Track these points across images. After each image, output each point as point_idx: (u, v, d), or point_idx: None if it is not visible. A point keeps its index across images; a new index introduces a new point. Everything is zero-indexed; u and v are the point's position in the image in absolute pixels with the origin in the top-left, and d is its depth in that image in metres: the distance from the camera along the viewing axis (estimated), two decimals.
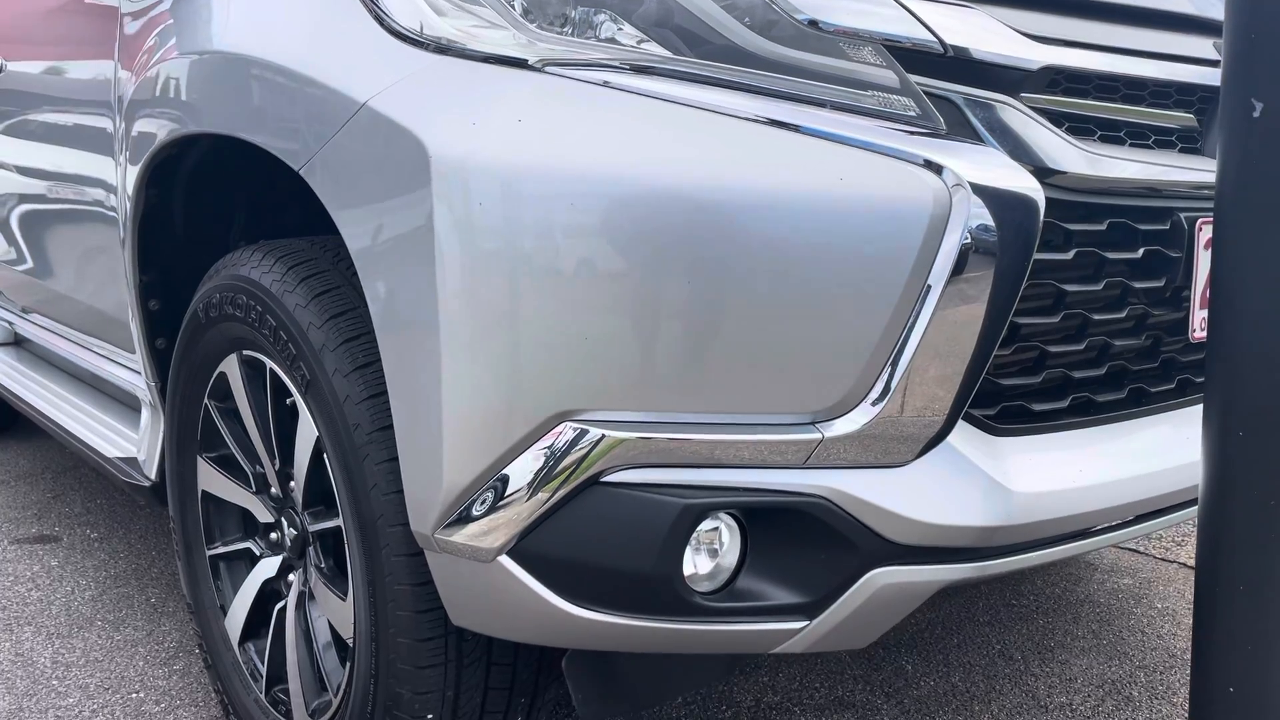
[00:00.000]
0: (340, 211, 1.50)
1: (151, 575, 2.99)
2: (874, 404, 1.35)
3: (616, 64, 1.39)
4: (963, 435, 1.43)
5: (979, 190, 1.33)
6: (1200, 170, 1.59)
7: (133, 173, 2.08)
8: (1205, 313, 1.59)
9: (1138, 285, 1.54)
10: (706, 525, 1.38)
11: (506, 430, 1.36)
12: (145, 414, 2.43)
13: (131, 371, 2.53)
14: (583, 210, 1.30)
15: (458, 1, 1.46)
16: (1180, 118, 1.62)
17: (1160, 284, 1.57)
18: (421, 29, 1.46)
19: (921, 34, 1.41)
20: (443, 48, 1.43)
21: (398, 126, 1.39)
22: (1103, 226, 1.49)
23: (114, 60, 2.23)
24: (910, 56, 1.41)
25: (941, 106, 1.41)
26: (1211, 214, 1.27)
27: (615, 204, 1.30)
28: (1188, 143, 1.63)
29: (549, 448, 1.35)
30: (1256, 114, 1.16)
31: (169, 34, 1.97)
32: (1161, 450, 1.62)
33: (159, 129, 1.96)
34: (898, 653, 2.51)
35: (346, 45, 1.54)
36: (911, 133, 1.37)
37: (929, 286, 1.32)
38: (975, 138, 1.41)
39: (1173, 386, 1.69)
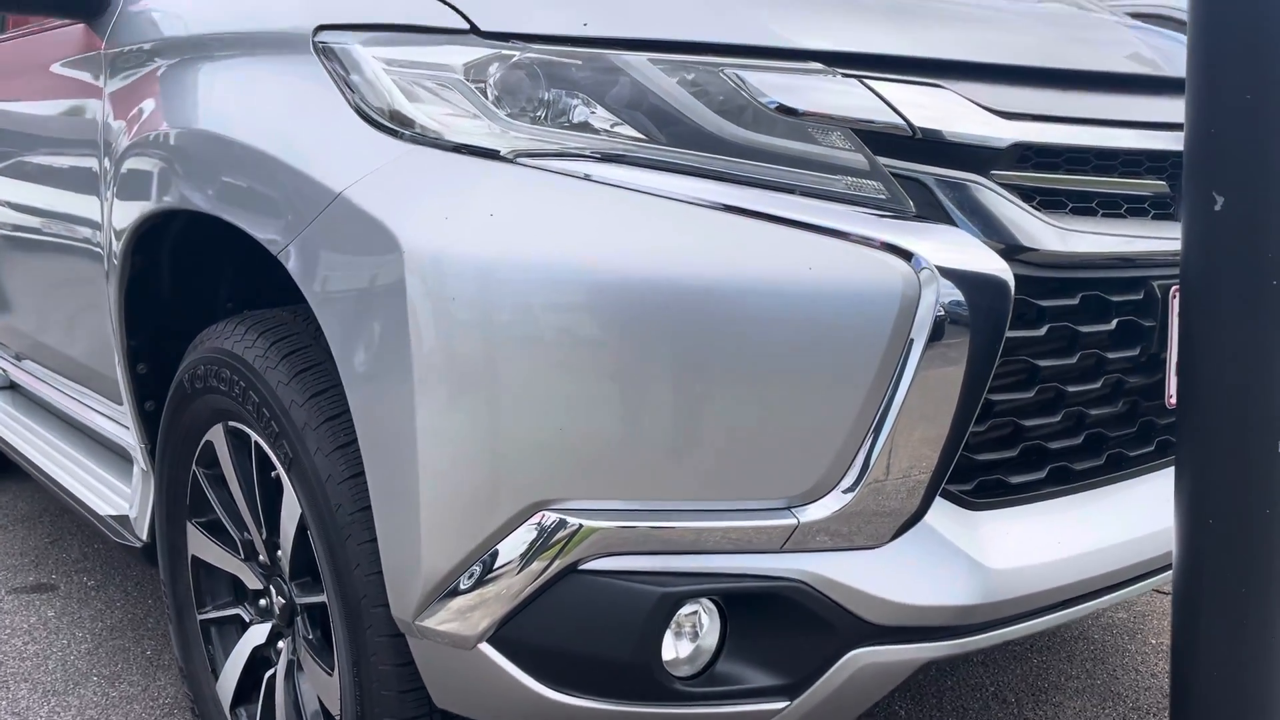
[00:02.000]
0: (317, 301, 1.51)
1: (147, 626, 3.00)
2: (849, 489, 1.35)
3: (588, 153, 1.40)
4: (939, 512, 1.44)
5: (948, 274, 1.34)
6: (1173, 237, 1.59)
7: (118, 243, 2.09)
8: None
9: (1112, 355, 1.55)
10: (686, 609, 1.39)
11: (484, 519, 1.36)
12: (136, 471, 2.45)
13: (122, 426, 2.54)
14: (556, 303, 1.32)
15: (432, 89, 1.47)
16: (1152, 185, 1.63)
17: (1135, 352, 1.58)
18: (396, 117, 1.47)
19: (890, 117, 1.41)
20: (417, 137, 1.44)
21: (372, 219, 1.40)
22: (1075, 301, 1.50)
23: (99, 127, 2.25)
24: (880, 139, 1.42)
25: (912, 188, 1.42)
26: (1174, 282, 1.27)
27: (588, 296, 1.31)
28: (1160, 209, 1.64)
29: (527, 537, 1.36)
30: (1217, 207, 1.16)
31: (150, 109, 1.98)
32: (1142, 514, 1.62)
33: (141, 203, 1.97)
34: (890, 696, 2.51)
35: (323, 130, 1.55)
36: (881, 216, 1.38)
37: (900, 373, 1.33)
38: (946, 218, 1.42)
39: (1152, 448, 1.69)
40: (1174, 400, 1.61)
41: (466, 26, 1.48)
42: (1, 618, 3.08)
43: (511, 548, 1.36)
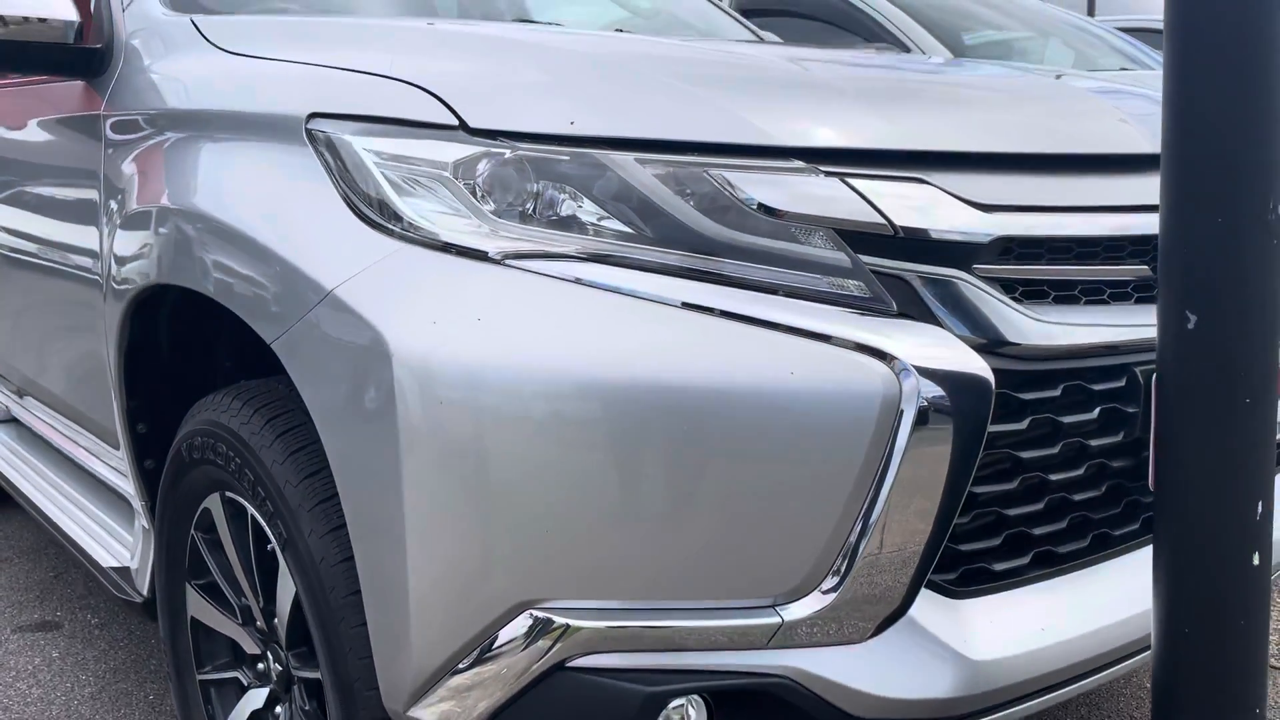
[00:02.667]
0: (309, 393, 1.53)
1: (149, 669, 3.03)
2: (832, 587, 1.38)
3: (575, 253, 1.42)
4: (923, 603, 1.46)
5: (929, 375, 1.36)
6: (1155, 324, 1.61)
7: (116, 308, 2.12)
8: None
9: (1095, 443, 1.57)
10: (674, 703, 1.41)
11: (473, 617, 1.39)
12: (137, 523, 2.47)
13: (121, 475, 2.57)
14: (542, 408, 1.34)
15: (421, 184, 1.49)
16: (1136, 270, 1.64)
17: (1118, 437, 1.60)
18: (385, 212, 1.49)
19: (872, 217, 1.43)
20: (406, 234, 1.47)
21: (363, 320, 1.42)
22: (1057, 392, 1.52)
23: (99, 189, 2.27)
24: (862, 237, 1.44)
25: (894, 285, 1.44)
26: None
27: (574, 401, 1.33)
28: (1144, 292, 1.65)
29: (515, 635, 1.38)
30: (1190, 325, 1.18)
31: (147, 181, 2.01)
32: (1127, 595, 1.64)
33: (138, 275, 2.00)
34: None
35: (314, 221, 1.58)
36: (863, 315, 1.40)
37: (882, 474, 1.35)
38: (929, 315, 1.44)
39: (1137, 526, 1.71)
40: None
41: (456, 123, 1.50)
42: (6, 658, 3.11)
43: (500, 645, 1.39)
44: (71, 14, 2.40)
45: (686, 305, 1.37)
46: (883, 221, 1.43)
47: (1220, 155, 1.14)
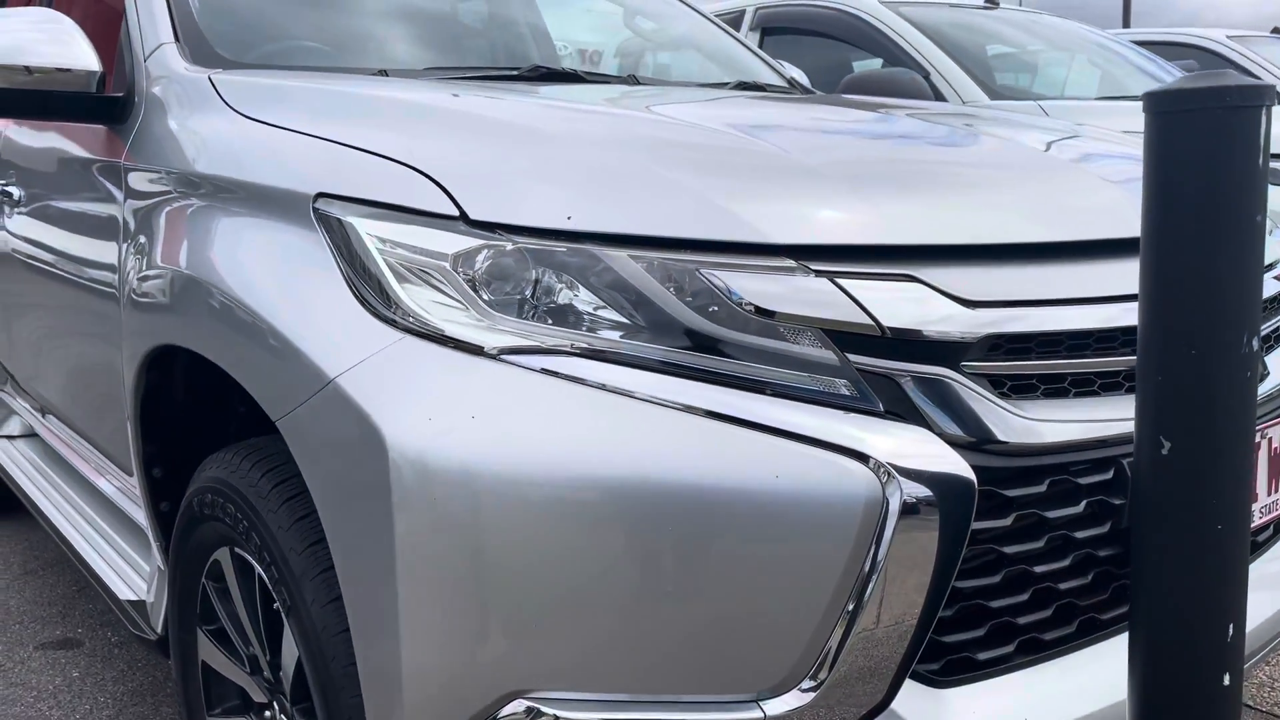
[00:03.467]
0: (309, 471, 1.58)
1: (166, 691, 3.10)
2: (813, 685, 1.41)
3: (569, 348, 1.45)
4: (906, 694, 1.48)
5: (911, 477, 1.39)
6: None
7: (134, 359, 2.17)
8: None
9: (1081, 535, 1.59)
10: None
11: (463, 704, 1.43)
12: (153, 558, 2.53)
13: (137, 505, 2.63)
14: (534, 507, 1.37)
15: (422, 274, 1.53)
16: (1128, 360, 1.66)
17: (1104, 529, 1.61)
18: (386, 300, 1.53)
19: (859, 318, 1.46)
20: (407, 325, 1.50)
21: (362, 413, 1.46)
22: (1043, 488, 1.54)
23: (118, 239, 2.33)
24: (850, 337, 1.46)
25: (881, 384, 1.47)
26: None
27: (564, 499, 1.37)
28: (1134, 382, 1.67)
29: None
30: (1164, 451, 1.20)
31: (162, 241, 2.06)
32: (1110, 681, 1.66)
33: (152, 332, 2.05)
34: None
35: (318, 302, 1.62)
36: (849, 413, 1.43)
37: (865, 575, 1.38)
38: (916, 414, 1.46)
39: (1124, 610, 1.73)
40: None
41: (457, 213, 1.54)
42: (29, 676, 3.19)
43: None
44: (94, 64, 2.45)
45: (676, 404, 1.40)
46: (871, 323, 1.46)
47: (1195, 288, 1.16)
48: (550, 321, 1.48)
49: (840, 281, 1.47)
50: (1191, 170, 1.14)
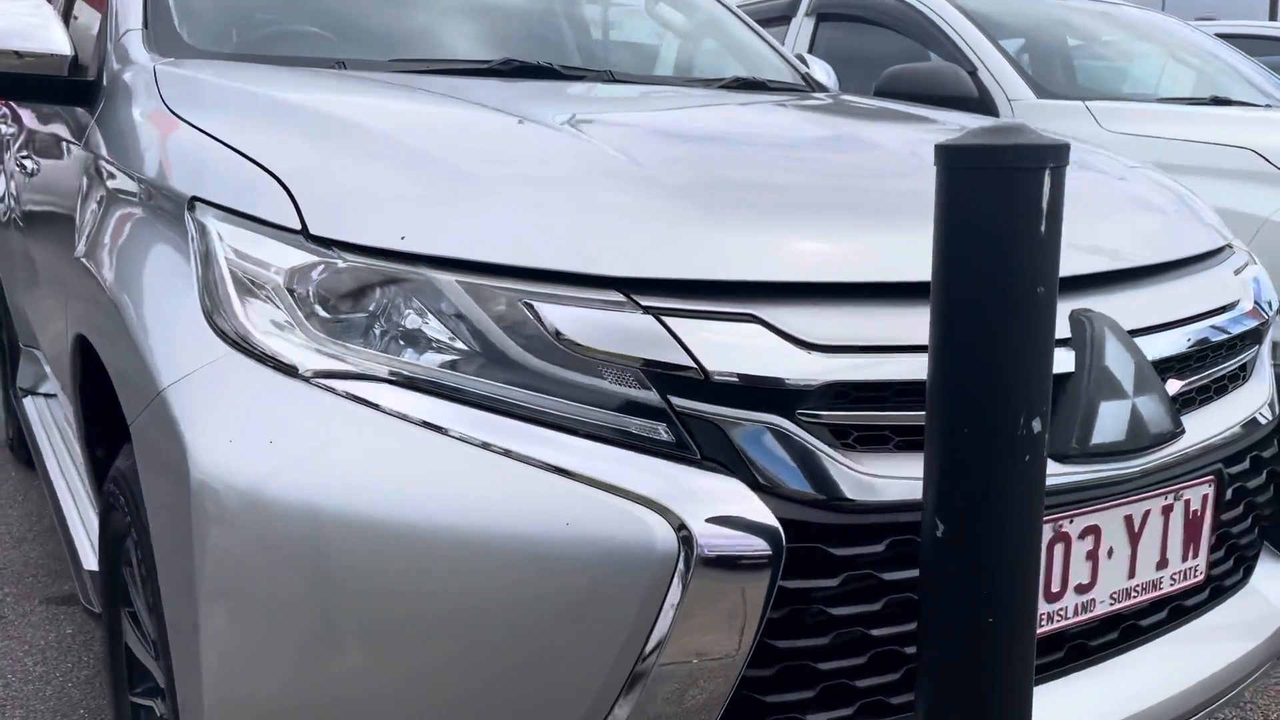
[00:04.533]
0: (144, 480, 1.59)
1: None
2: None
3: (385, 375, 1.42)
4: None
5: (715, 532, 1.32)
6: None
7: (67, 342, 2.22)
8: None
9: None
10: None
11: None
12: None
13: None
14: (317, 539, 1.35)
15: (260, 288, 1.51)
16: None
17: None
18: (223, 311, 1.51)
19: (682, 359, 1.39)
20: (234, 341, 1.49)
21: (176, 427, 1.46)
22: (881, 547, 1.45)
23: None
24: (674, 380, 1.39)
25: (705, 429, 1.40)
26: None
27: (344, 537, 1.34)
28: None
29: None
30: (939, 534, 1.11)
31: (89, 228, 2.09)
32: None
33: (76, 318, 2.09)
34: None
35: (174, 312, 1.61)
36: (665, 459, 1.37)
37: (653, 633, 1.32)
38: (742, 464, 1.39)
39: None
40: None
41: (299, 227, 1.51)
42: (27, 630, 3.33)
43: None
44: (65, 48, 2.50)
45: (475, 441, 1.36)
46: (693, 366, 1.39)
47: (972, 362, 1.06)
48: (381, 346, 1.44)
49: (667, 319, 1.40)
50: (974, 235, 1.04)
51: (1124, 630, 1.72)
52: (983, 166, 1.02)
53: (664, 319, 1.41)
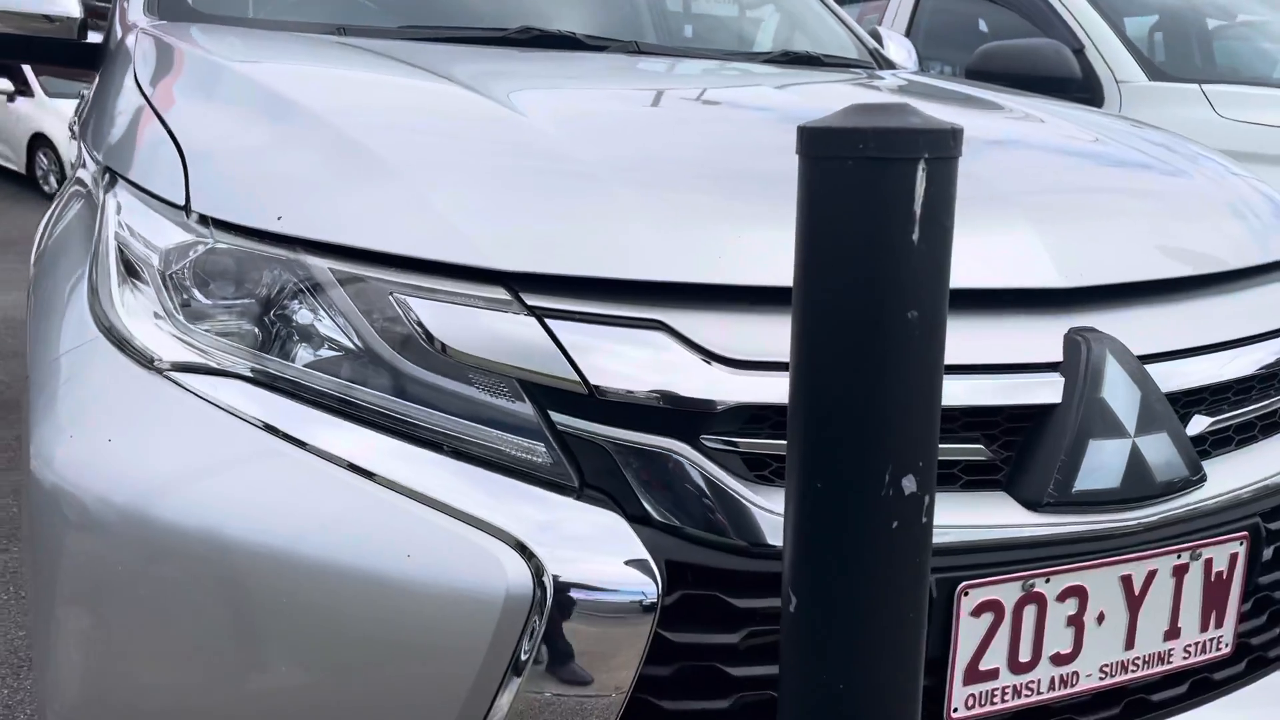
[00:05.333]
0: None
1: None
2: None
3: (243, 371, 1.27)
4: None
5: (578, 575, 1.13)
6: (969, 522, 1.28)
7: None
8: (969, 689, 1.30)
9: None
10: None
11: None
12: None
13: None
14: (145, 548, 1.21)
15: (140, 269, 1.38)
16: (964, 450, 1.31)
17: None
18: (96, 295, 1.39)
19: (563, 371, 1.20)
20: (105, 325, 1.36)
21: (28, 412, 1.34)
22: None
23: None
24: (557, 394, 1.21)
25: (592, 453, 1.20)
26: (983, 575, 1.08)
27: (173, 549, 1.19)
28: (977, 475, 1.32)
29: None
30: (791, 608, 0.90)
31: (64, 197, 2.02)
32: None
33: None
34: None
35: (71, 295, 1.50)
36: (535, 483, 1.19)
37: (501, 695, 1.14)
38: (628, 495, 1.20)
39: None
40: (957, 716, 1.32)
41: (183, 202, 1.38)
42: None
43: None
44: (75, 10, 2.44)
45: (323, 452, 1.20)
46: (576, 379, 1.19)
47: (829, 401, 0.84)
48: (250, 339, 1.29)
49: (554, 323, 1.21)
50: (836, 242, 0.82)
51: (1127, 707, 1.46)
52: (842, 156, 0.80)
53: (550, 322, 1.21)
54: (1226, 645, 1.49)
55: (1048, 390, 1.33)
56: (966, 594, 1.27)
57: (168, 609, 1.21)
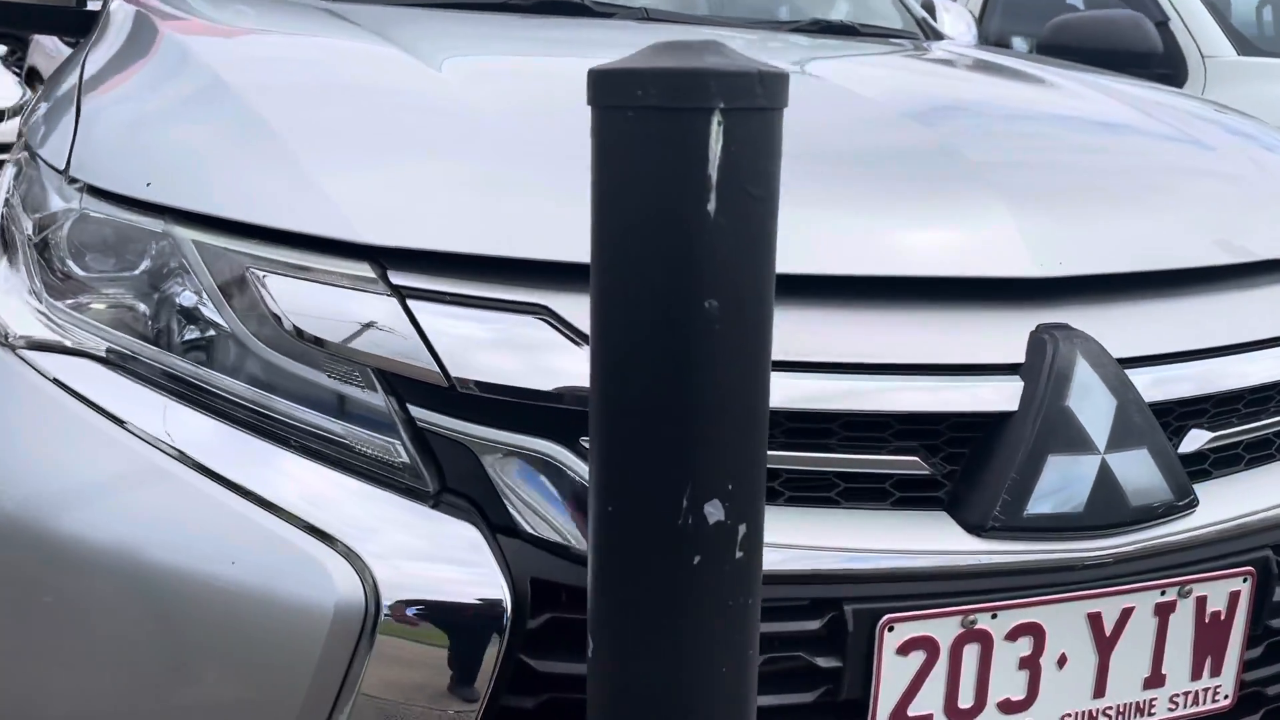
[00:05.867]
0: None
1: None
2: None
3: (99, 351, 1.16)
4: None
5: (430, 589, 1.01)
6: (897, 546, 1.11)
7: None
8: None
9: (769, 703, 1.10)
10: None
11: None
12: None
13: None
14: None
15: (20, 243, 1.29)
16: (902, 462, 1.14)
17: (809, 698, 1.12)
18: None
19: (422, 360, 1.06)
20: None
21: None
22: None
23: None
24: (419, 386, 1.07)
25: (455, 454, 1.07)
26: (912, 607, 0.97)
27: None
28: (916, 491, 1.15)
29: None
30: (590, 652, 0.75)
31: None
32: None
33: None
34: None
35: None
36: (388, 486, 1.06)
37: (338, 710, 1.01)
38: (493, 501, 1.06)
39: None
40: None
41: (64, 165, 1.29)
42: None
43: None
44: None
45: (165, 445, 1.08)
46: (435, 370, 1.06)
47: (624, 406, 0.68)
48: (113, 316, 1.19)
49: (415, 304, 1.08)
50: (626, 209, 0.66)
51: None
52: (623, 104, 0.64)
53: (413, 303, 1.08)
54: (1226, 697, 1.28)
55: (1004, 396, 1.15)
56: (891, 628, 1.10)
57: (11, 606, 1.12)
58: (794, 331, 1.11)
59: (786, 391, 1.09)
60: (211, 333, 1.14)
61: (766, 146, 0.65)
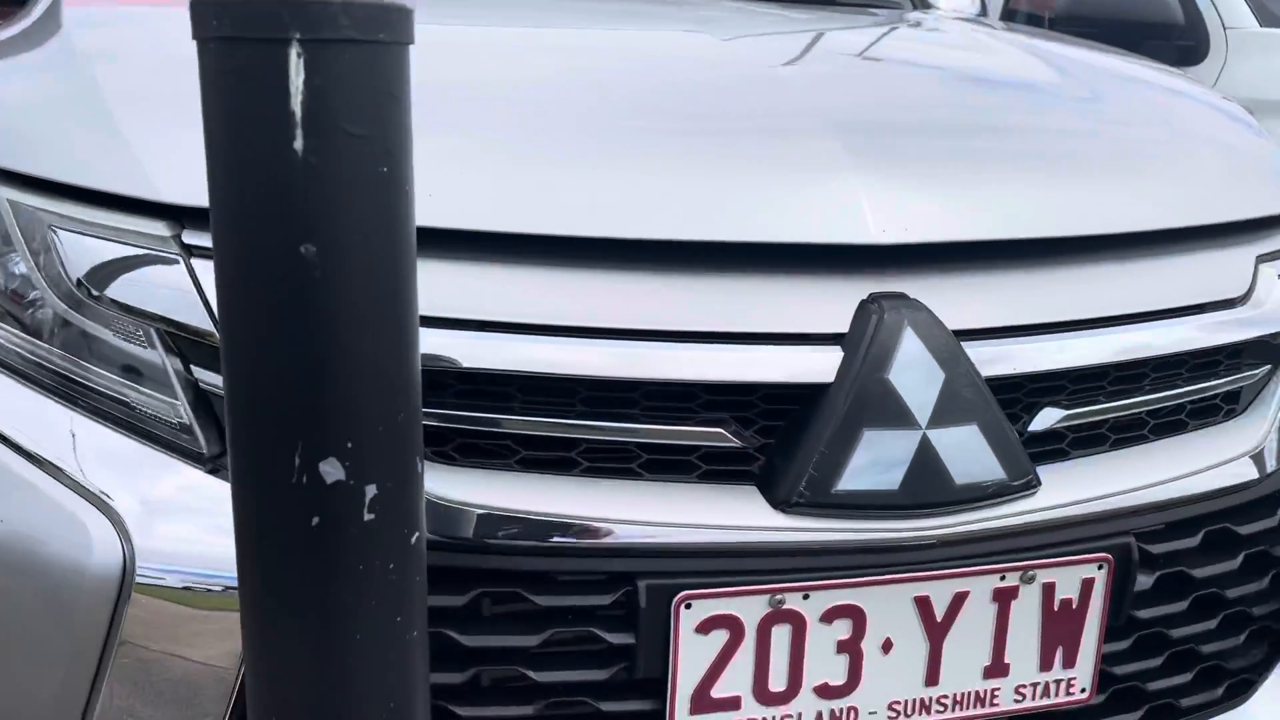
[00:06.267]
0: None
1: None
2: None
3: None
4: None
5: (180, 553, 0.99)
6: (697, 520, 1.06)
7: None
8: (700, 719, 1.09)
9: (540, 677, 1.07)
10: None
11: None
12: None
13: None
14: None
15: None
16: (707, 434, 1.09)
17: (603, 675, 1.08)
18: None
19: (199, 321, 1.04)
20: None
21: None
22: (463, 600, 1.04)
23: None
24: (200, 346, 1.05)
25: None
26: (711, 584, 0.95)
27: None
28: (719, 464, 1.10)
29: None
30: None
31: None
32: None
33: None
34: None
35: None
36: (169, 449, 1.04)
37: (98, 686, 1.00)
38: None
39: None
40: None
41: None
42: None
43: None
44: None
45: None
46: (212, 330, 1.04)
47: (244, 365, 0.65)
48: None
49: (198, 264, 1.06)
50: (224, 149, 0.63)
51: None
52: (209, 36, 0.60)
53: (197, 262, 1.06)
54: (1084, 690, 1.21)
55: (821, 367, 1.09)
56: (688, 605, 1.06)
57: None
58: (592, 296, 1.07)
59: (582, 358, 1.06)
60: (28, 292, 1.14)
61: (371, 82, 0.61)
